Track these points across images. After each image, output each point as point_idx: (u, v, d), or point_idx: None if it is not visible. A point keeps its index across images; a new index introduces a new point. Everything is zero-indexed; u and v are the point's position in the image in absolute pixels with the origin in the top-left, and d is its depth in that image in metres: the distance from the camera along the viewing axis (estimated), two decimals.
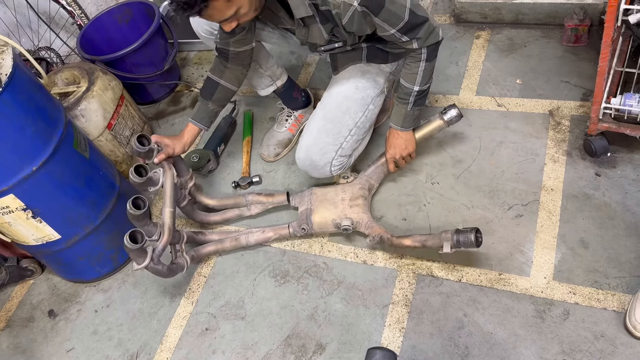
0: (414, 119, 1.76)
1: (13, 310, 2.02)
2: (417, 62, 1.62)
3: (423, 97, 1.72)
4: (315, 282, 1.77)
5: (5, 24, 2.35)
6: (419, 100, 1.71)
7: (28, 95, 1.56)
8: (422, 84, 1.66)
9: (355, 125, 1.76)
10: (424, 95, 1.72)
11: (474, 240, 1.49)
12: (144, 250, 1.55)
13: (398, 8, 1.45)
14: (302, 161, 1.78)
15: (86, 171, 1.78)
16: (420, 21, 1.50)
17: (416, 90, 1.67)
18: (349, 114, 1.75)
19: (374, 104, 1.79)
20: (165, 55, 2.46)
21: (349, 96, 1.76)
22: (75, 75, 2.11)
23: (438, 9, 2.52)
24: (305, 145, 1.76)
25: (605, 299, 1.50)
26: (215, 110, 1.87)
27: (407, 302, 1.64)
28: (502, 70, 2.16)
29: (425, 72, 1.64)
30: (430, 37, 1.55)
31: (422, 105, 1.74)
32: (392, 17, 1.45)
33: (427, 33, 1.54)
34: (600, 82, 1.59)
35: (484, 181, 1.85)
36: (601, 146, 1.75)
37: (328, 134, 1.73)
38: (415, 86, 1.66)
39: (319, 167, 1.76)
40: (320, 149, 1.74)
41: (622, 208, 1.67)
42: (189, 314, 1.81)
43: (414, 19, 1.48)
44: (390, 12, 1.44)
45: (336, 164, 1.77)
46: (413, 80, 1.65)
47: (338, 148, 1.75)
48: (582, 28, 2.06)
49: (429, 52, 1.60)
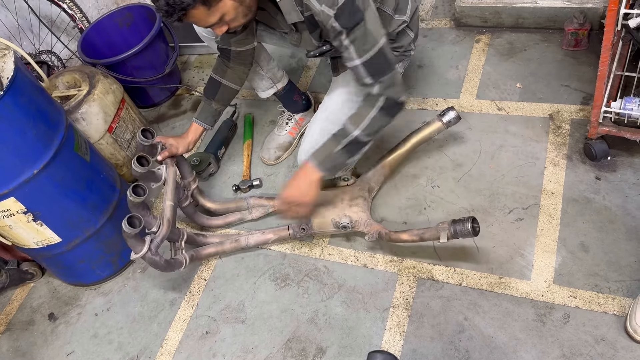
0: (334, 165, 1.59)
1: (13, 313, 2.01)
2: (370, 108, 1.51)
3: (356, 149, 1.58)
4: (315, 286, 1.77)
5: (6, 27, 2.36)
6: (352, 148, 1.56)
7: (29, 99, 1.56)
8: (364, 132, 1.53)
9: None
10: (359, 149, 1.58)
11: (471, 229, 1.48)
12: (141, 238, 1.57)
13: (370, 38, 1.40)
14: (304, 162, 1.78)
15: (87, 174, 1.78)
16: (387, 64, 1.46)
17: (354, 135, 1.53)
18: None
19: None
20: (166, 59, 2.46)
21: (350, 99, 1.76)
22: (76, 79, 2.11)
23: (438, 13, 2.53)
24: (307, 147, 1.76)
25: (605, 303, 1.50)
26: (218, 109, 1.88)
27: (408, 306, 1.64)
28: (502, 74, 2.17)
29: (373, 121, 1.52)
30: (392, 88, 1.49)
31: (351, 156, 1.58)
32: (361, 43, 1.41)
33: (391, 81, 1.48)
34: (601, 85, 1.59)
35: (484, 185, 1.85)
36: (601, 150, 1.75)
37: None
38: (357, 130, 1.52)
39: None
40: None
41: (623, 212, 1.67)
42: (189, 318, 1.81)
43: (381, 57, 1.44)
44: (361, 38, 1.40)
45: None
46: (357, 123, 1.52)
47: None
48: (582, 32, 2.07)
49: (387, 104, 1.50)
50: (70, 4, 2.47)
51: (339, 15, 1.36)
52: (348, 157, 1.59)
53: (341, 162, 1.59)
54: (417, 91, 2.23)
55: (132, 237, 1.56)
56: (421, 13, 2.55)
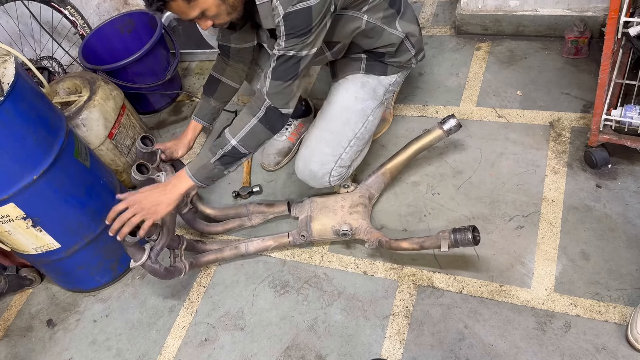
0: (209, 175, 1.56)
1: (11, 319, 2.01)
2: (251, 116, 1.50)
3: (232, 161, 1.55)
4: (315, 293, 1.76)
5: (8, 33, 2.36)
6: (227, 159, 1.53)
7: (30, 104, 1.56)
8: (241, 143, 1.51)
9: (354, 137, 1.76)
10: (234, 160, 1.55)
11: (472, 238, 1.48)
12: (141, 246, 1.58)
13: (302, 17, 1.37)
14: (301, 171, 1.78)
15: (87, 180, 1.78)
16: (292, 62, 1.44)
17: (232, 145, 1.51)
18: (349, 125, 1.75)
19: (373, 115, 1.80)
20: (167, 66, 2.47)
21: (349, 107, 1.76)
22: (77, 85, 2.12)
23: (439, 20, 2.54)
24: (304, 155, 1.76)
25: (606, 311, 1.50)
26: (217, 107, 1.88)
27: (408, 314, 1.64)
28: (502, 82, 2.17)
29: (251, 133, 1.50)
30: (281, 95, 1.47)
31: (226, 168, 1.56)
32: (293, 22, 1.38)
33: (282, 87, 1.46)
34: (601, 94, 1.59)
35: (484, 192, 1.85)
36: (602, 158, 1.75)
37: (327, 144, 1.74)
38: (234, 140, 1.51)
39: (318, 178, 1.76)
40: (319, 160, 1.74)
41: (623, 220, 1.66)
42: (188, 324, 1.80)
43: (288, 53, 1.42)
44: (295, 16, 1.37)
45: (335, 174, 1.77)
46: (235, 132, 1.51)
47: (337, 159, 1.75)
48: (582, 40, 2.07)
49: (269, 112, 1.49)
50: (72, 10, 2.48)
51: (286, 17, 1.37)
52: (224, 169, 1.56)
53: (217, 173, 1.56)
54: (418, 98, 2.23)
55: (131, 245, 1.56)
56: (422, 21, 2.56)
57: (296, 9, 1.36)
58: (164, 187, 1.57)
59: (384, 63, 1.78)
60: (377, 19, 1.66)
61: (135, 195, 1.55)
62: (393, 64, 1.80)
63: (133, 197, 1.54)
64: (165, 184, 1.58)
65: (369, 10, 1.63)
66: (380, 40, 1.71)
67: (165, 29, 2.45)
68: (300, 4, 1.36)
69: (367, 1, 1.60)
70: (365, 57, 1.77)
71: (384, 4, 1.65)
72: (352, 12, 1.61)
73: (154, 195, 1.55)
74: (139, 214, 1.52)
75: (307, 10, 1.37)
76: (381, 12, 1.66)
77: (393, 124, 2.16)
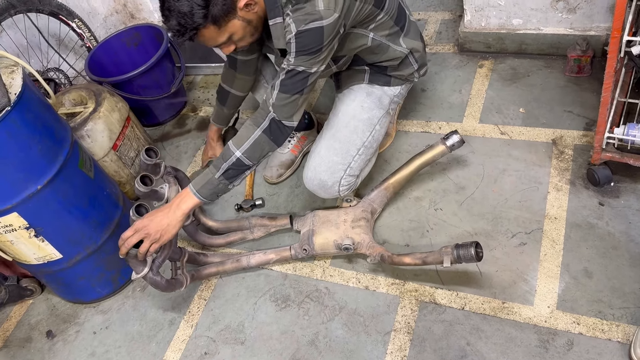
0: (212, 192, 1.57)
1: (11, 330, 2.00)
2: (256, 127, 1.53)
3: (236, 174, 1.56)
4: (316, 307, 1.76)
5: (15, 44, 2.39)
6: (231, 173, 1.55)
7: (36, 115, 1.57)
8: (245, 155, 1.53)
9: (363, 145, 1.77)
10: (238, 174, 1.56)
11: (475, 254, 1.47)
12: (143, 259, 1.58)
13: (313, 36, 1.41)
14: (310, 180, 1.78)
15: (90, 191, 1.78)
16: (301, 77, 1.47)
17: (236, 157, 1.53)
18: (357, 134, 1.76)
19: (380, 124, 1.81)
20: (172, 79, 2.49)
21: (356, 116, 1.78)
22: (83, 96, 2.13)
23: (442, 38, 2.56)
24: (313, 164, 1.77)
25: (609, 330, 1.49)
26: (230, 112, 2.08)
27: (410, 330, 1.63)
28: (505, 99, 2.18)
29: (256, 145, 1.53)
30: (286, 108, 1.50)
31: (230, 182, 1.57)
32: (305, 40, 1.42)
33: (289, 100, 1.49)
34: (604, 112, 1.60)
35: (487, 208, 1.85)
36: (604, 176, 1.75)
37: (336, 153, 1.74)
38: (238, 151, 1.53)
39: (327, 187, 1.76)
40: (329, 168, 1.74)
41: (626, 238, 1.66)
42: (188, 338, 1.79)
43: (298, 69, 1.45)
44: (307, 34, 1.41)
45: (344, 183, 1.77)
46: (239, 144, 1.53)
47: (347, 167, 1.75)
48: (584, 59, 2.09)
49: (273, 124, 1.52)
50: (79, 23, 2.51)
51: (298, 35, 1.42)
52: (229, 183, 1.57)
53: (222, 188, 1.57)
54: (421, 114, 2.24)
55: (133, 257, 1.56)
56: (425, 38, 2.58)
57: (308, 27, 1.40)
58: (168, 208, 1.57)
59: (387, 75, 1.81)
60: (382, 37, 1.69)
61: (142, 221, 1.55)
62: (396, 77, 1.83)
63: (139, 223, 1.55)
64: (169, 205, 1.58)
65: (375, 28, 1.65)
66: (385, 55, 1.75)
67: (171, 43, 2.48)
68: (312, 23, 1.39)
69: (374, 20, 1.63)
70: (368, 69, 1.80)
71: (389, 22, 1.68)
72: (359, 29, 1.64)
73: (159, 219, 1.55)
74: (147, 239, 1.53)
75: (319, 30, 1.41)
76: (386, 29, 1.69)
77: (396, 139, 2.17)
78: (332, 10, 1.40)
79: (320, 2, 1.40)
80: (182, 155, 2.46)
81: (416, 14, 2.73)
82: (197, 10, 1.35)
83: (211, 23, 1.39)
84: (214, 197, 1.59)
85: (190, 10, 1.35)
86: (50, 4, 2.38)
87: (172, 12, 1.37)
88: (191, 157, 2.43)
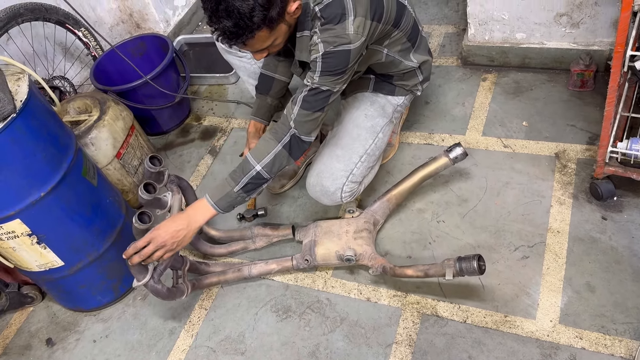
0: (230, 204, 1.58)
1: (11, 337, 1.99)
2: (277, 141, 1.54)
3: (254, 188, 1.58)
4: (317, 318, 1.75)
5: (22, 52, 2.41)
6: (250, 187, 1.56)
7: (41, 122, 1.58)
8: (265, 168, 1.54)
9: (365, 152, 1.78)
10: (257, 187, 1.58)
11: (477, 267, 1.47)
12: (144, 266, 1.58)
13: (340, 58, 1.44)
14: (313, 187, 1.78)
15: (93, 199, 1.79)
16: (323, 95, 1.49)
17: (257, 171, 1.54)
18: (359, 141, 1.78)
19: (383, 133, 1.83)
20: (177, 88, 2.50)
21: (359, 124, 1.79)
22: (87, 105, 2.14)
23: (445, 51, 2.57)
24: (316, 171, 1.78)
25: (612, 345, 1.48)
26: (274, 104, 1.93)
27: (411, 342, 1.62)
28: (508, 112, 2.19)
29: (275, 159, 1.54)
30: (307, 124, 1.52)
31: (248, 195, 1.58)
32: (332, 62, 1.45)
33: (310, 117, 1.51)
34: (607, 126, 1.60)
35: (489, 221, 1.85)
36: (607, 190, 1.75)
37: (339, 159, 1.75)
38: (258, 165, 1.54)
39: (330, 193, 1.77)
40: (332, 174, 1.75)
41: (629, 253, 1.65)
42: (188, 347, 1.78)
43: (322, 87, 1.47)
44: (335, 56, 1.44)
45: (347, 190, 1.77)
46: (260, 158, 1.54)
47: (349, 174, 1.76)
48: (588, 73, 2.09)
49: (293, 140, 1.53)
50: (85, 32, 2.53)
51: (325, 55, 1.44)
52: (247, 196, 1.58)
53: (239, 200, 1.59)
54: (424, 126, 2.24)
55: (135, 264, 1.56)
56: None
57: (337, 50, 1.42)
58: (182, 220, 1.57)
59: (392, 84, 1.84)
60: (395, 52, 1.72)
61: (157, 232, 1.55)
62: (400, 86, 1.85)
63: (153, 233, 1.55)
64: (183, 217, 1.58)
65: (389, 44, 1.68)
66: (396, 69, 1.78)
67: (176, 53, 2.49)
68: (341, 46, 1.42)
69: (389, 37, 1.65)
70: (374, 78, 1.83)
71: (403, 38, 1.70)
72: (375, 46, 1.66)
73: (175, 230, 1.55)
74: (162, 249, 1.54)
75: (346, 53, 1.43)
76: (399, 45, 1.71)
77: (399, 150, 2.17)
78: (360, 34, 1.43)
79: (351, 26, 1.42)
80: (186, 164, 2.46)
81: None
82: (258, 11, 1.32)
83: (266, 26, 1.37)
84: (230, 209, 1.61)
85: (251, 11, 1.32)
86: (57, 12, 2.40)
87: (231, 13, 1.31)
88: (194, 166, 2.43)
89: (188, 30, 3.20)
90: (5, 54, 2.28)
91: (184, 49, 2.98)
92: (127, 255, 1.55)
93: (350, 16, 1.42)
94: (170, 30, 3.05)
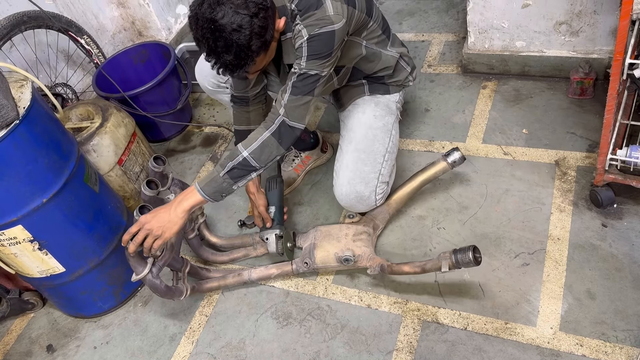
0: (216, 190, 1.55)
1: (11, 344, 1.99)
2: (265, 129, 1.54)
3: (241, 175, 1.55)
4: (318, 325, 1.75)
5: (25, 59, 2.42)
6: (237, 172, 1.54)
7: (43, 129, 1.59)
8: (252, 155, 1.52)
9: (386, 151, 1.80)
10: (244, 174, 1.55)
11: (473, 258, 1.47)
12: (143, 259, 1.60)
13: (325, 40, 1.47)
14: (347, 195, 1.77)
15: (95, 205, 1.79)
16: (312, 79, 1.50)
17: (243, 157, 1.52)
18: (378, 141, 1.79)
19: (394, 129, 1.86)
20: (179, 96, 2.52)
21: (372, 125, 1.81)
22: (90, 111, 2.15)
23: (445, 59, 2.59)
24: (345, 179, 1.77)
25: (613, 352, 1.48)
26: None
27: (412, 349, 1.62)
28: (508, 120, 2.20)
29: (264, 146, 1.53)
30: (298, 109, 1.52)
31: (235, 182, 1.55)
32: (317, 44, 1.47)
33: (300, 102, 1.52)
34: (606, 134, 1.61)
35: (490, 228, 1.85)
36: (607, 197, 1.76)
37: (365, 163, 1.76)
38: (245, 151, 1.52)
39: (365, 198, 1.77)
40: (363, 179, 1.76)
41: (629, 260, 1.66)
42: (188, 354, 1.78)
43: (310, 72, 1.49)
44: (319, 38, 1.46)
45: (379, 192, 1.79)
46: (247, 144, 1.53)
47: (378, 174, 1.77)
48: (587, 81, 2.11)
49: (282, 127, 1.53)
50: (88, 40, 2.55)
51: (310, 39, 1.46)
52: (233, 182, 1.55)
53: (226, 187, 1.55)
54: (424, 134, 2.25)
55: (133, 256, 1.57)
56: (429, 59, 2.61)
57: (321, 32, 1.45)
58: (169, 205, 1.59)
59: (385, 84, 1.87)
60: (373, 44, 1.75)
61: (145, 217, 1.57)
62: (392, 84, 1.89)
63: (143, 218, 1.57)
64: (170, 203, 1.60)
65: (367, 35, 1.71)
66: (380, 63, 1.80)
67: (178, 60, 2.51)
68: (324, 27, 1.45)
69: (366, 27, 1.69)
70: (366, 82, 1.86)
71: (378, 29, 1.74)
72: (354, 37, 1.69)
73: (161, 214, 1.56)
74: (150, 235, 1.55)
75: (330, 34, 1.46)
76: (375, 37, 1.75)
77: (399, 158, 2.17)
78: (340, 15, 1.47)
79: (330, 8, 1.46)
80: (187, 171, 2.47)
81: (420, 36, 2.77)
82: (255, 40, 1.36)
83: (263, 50, 1.42)
84: (218, 197, 1.58)
85: (249, 41, 1.35)
86: (60, 20, 2.42)
87: (230, 47, 1.35)
88: (195, 172, 2.44)
89: (190, 38, 3.22)
90: (9, 61, 2.30)
91: (185, 57, 2.99)
92: (124, 242, 1.57)
93: (326, 1, 1.47)
94: (172, 38, 3.07)
